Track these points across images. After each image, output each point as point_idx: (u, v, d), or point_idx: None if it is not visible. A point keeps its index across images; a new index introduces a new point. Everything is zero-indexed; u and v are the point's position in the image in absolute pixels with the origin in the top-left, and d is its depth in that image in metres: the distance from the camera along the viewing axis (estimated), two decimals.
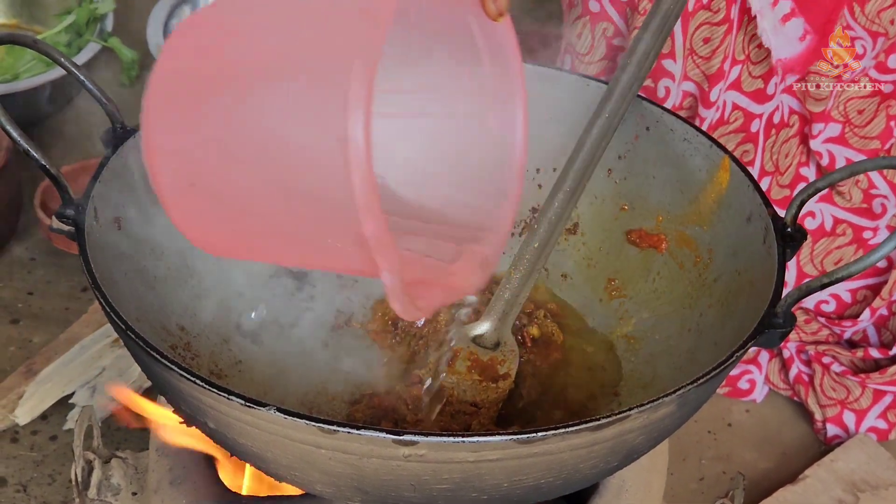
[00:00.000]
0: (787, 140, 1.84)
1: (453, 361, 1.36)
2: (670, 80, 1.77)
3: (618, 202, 1.48)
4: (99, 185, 1.25)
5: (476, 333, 1.38)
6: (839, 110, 1.79)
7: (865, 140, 1.81)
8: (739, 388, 2.05)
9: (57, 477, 1.83)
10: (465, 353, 1.36)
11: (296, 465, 1.07)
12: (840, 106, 1.79)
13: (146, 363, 1.12)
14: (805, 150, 1.85)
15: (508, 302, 1.37)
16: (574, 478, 1.11)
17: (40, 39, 1.25)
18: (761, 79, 1.76)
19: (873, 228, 1.90)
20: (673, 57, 1.75)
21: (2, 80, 2.39)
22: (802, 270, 1.96)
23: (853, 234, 1.91)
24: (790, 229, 1.23)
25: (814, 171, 1.86)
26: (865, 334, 2.03)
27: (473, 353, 1.36)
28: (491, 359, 1.36)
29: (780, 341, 1.15)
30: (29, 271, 2.22)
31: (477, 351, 1.36)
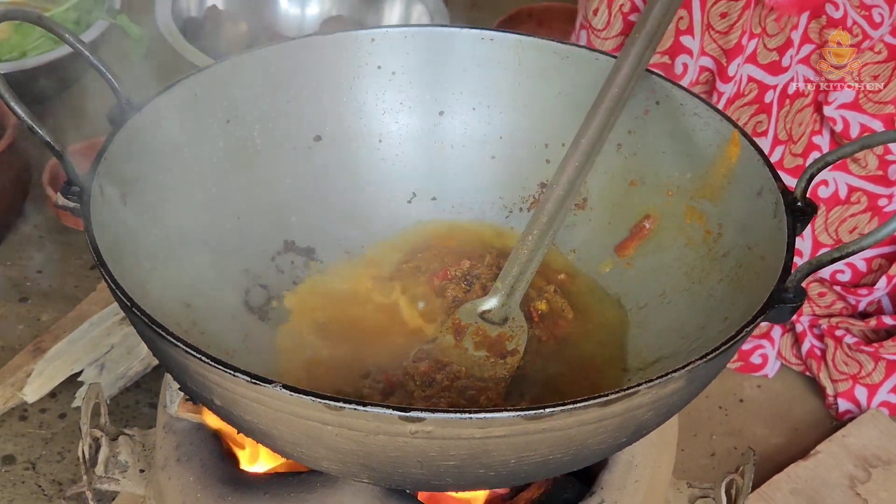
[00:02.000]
0: (802, 109, 1.83)
1: (460, 338, 1.35)
2: (688, 55, 1.77)
3: (627, 177, 1.47)
4: (104, 162, 1.24)
5: (483, 309, 1.37)
6: (853, 76, 1.79)
7: (880, 105, 1.80)
8: (752, 364, 2.04)
9: (66, 454, 1.83)
10: (473, 329, 1.36)
11: (302, 441, 1.07)
12: (854, 72, 1.78)
13: (152, 340, 1.12)
14: (819, 119, 1.84)
15: (516, 276, 1.36)
16: (582, 454, 1.10)
17: (46, 16, 1.24)
18: (776, 51, 1.75)
19: (888, 196, 1.89)
20: (691, 33, 1.75)
21: (9, 57, 2.38)
22: (817, 240, 1.95)
23: (868, 202, 1.90)
24: (800, 203, 1.22)
25: (827, 139, 1.85)
26: (880, 305, 2.02)
27: (481, 328, 1.36)
28: (499, 335, 1.35)
29: (791, 316, 1.14)
30: (37, 249, 2.22)
31: (485, 327, 1.36)
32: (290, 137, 1.48)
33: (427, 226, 1.54)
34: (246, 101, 1.44)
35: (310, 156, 1.50)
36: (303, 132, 1.49)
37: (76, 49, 1.28)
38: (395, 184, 1.54)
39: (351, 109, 1.52)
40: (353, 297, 1.47)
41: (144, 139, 1.33)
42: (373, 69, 1.51)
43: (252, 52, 1.45)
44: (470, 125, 1.52)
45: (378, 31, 1.51)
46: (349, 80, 1.51)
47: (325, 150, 1.51)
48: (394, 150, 1.54)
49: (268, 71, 1.45)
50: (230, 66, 1.43)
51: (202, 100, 1.40)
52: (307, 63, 1.48)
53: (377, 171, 1.54)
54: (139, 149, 1.32)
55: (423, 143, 1.55)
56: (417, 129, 1.53)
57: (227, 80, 1.43)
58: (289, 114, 1.48)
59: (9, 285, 2.14)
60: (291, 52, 1.47)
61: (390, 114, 1.53)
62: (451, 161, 1.53)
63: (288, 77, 1.47)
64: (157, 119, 1.34)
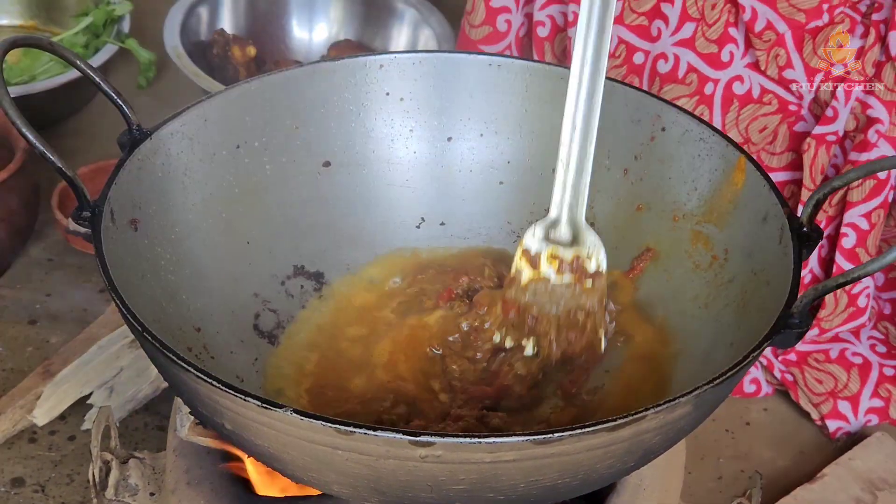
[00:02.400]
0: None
1: (537, 266, 1.31)
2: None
3: (634, 202, 1.48)
4: (115, 187, 1.25)
5: (547, 230, 1.33)
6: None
7: (794, 10, 1.79)
8: (747, 393, 2.05)
9: (75, 477, 1.83)
10: (548, 254, 1.32)
11: (312, 466, 1.08)
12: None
13: (163, 365, 1.13)
14: (734, 9, 1.83)
15: (573, 187, 1.32)
16: (591, 478, 1.11)
17: (56, 42, 1.25)
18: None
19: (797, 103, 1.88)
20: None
21: (19, 81, 2.39)
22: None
23: (778, 105, 1.89)
24: (806, 229, 1.23)
25: (743, 33, 1.85)
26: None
27: (554, 253, 1.33)
28: (576, 255, 1.32)
29: (797, 341, 1.15)
30: (47, 272, 2.23)
31: (557, 250, 1.34)
32: (299, 163, 1.49)
33: (436, 251, 1.54)
34: (255, 127, 1.45)
35: (319, 181, 1.51)
36: (312, 158, 1.50)
37: (87, 74, 1.29)
38: (403, 209, 1.55)
39: (359, 135, 1.52)
40: (362, 320, 1.48)
41: (155, 165, 1.34)
42: (381, 95, 1.52)
43: (261, 78, 1.45)
44: (478, 150, 1.53)
45: (387, 57, 1.52)
46: (358, 105, 1.51)
47: (334, 176, 1.52)
48: (402, 176, 1.55)
49: (277, 97, 1.46)
50: (240, 92, 1.44)
51: (212, 126, 1.40)
52: (316, 89, 1.49)
53: (386, 196, 1.54)
54: (149, 174, 1.32)
55: (432, 169, 1.55)
56: (426, 155, 1.54)
57: (236, 107, 1.43)
58: (298, 139, 1.49)
59: (18, 308, 2.15)
60: (301, 78, 1.48)
61: (399, 139, 1.54)
62: (459, 186, 1.54)
63: (297, 103, 1.48)
64: (167, 145, 1.35)
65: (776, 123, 1.88)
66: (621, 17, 1.87)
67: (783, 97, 1.86)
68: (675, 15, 1.82)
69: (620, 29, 1.88)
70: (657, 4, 1.84)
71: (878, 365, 2.00)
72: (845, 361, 1.99)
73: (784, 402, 2.06)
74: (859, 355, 2.01)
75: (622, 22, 1.88)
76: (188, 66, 2.37)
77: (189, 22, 2.54)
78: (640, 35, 1.87)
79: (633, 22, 1.86)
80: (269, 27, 2.71)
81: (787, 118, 1.88)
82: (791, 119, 1.88)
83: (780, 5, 1.79)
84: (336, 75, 1.50)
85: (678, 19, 1.83)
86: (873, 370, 1.99)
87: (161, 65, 2.63)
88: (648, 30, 1.86)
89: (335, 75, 1.50)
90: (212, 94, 1.42)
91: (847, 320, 1.94)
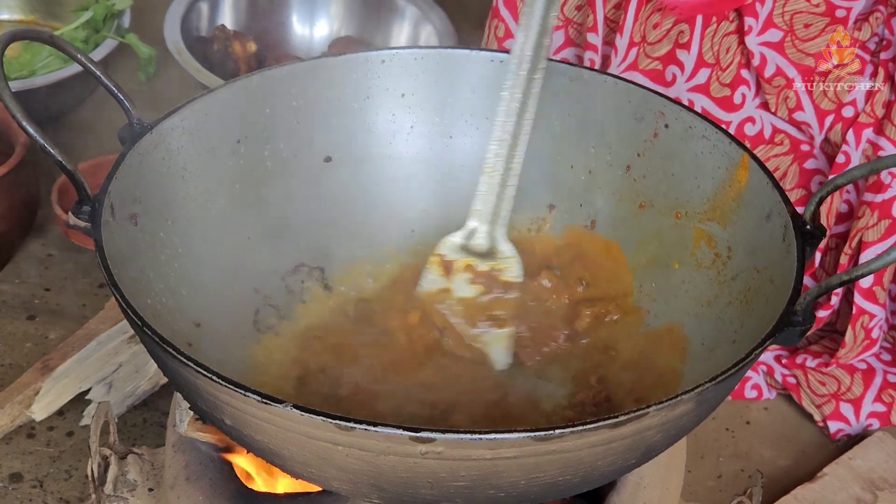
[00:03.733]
0: (728, 34, 1.82)
1: (449, 273, 1.32)
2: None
3: (636, 199, 1.48)
4: (115, 182, 1.25)
5: (464, 240, 1.34)
6: (783, 18, 1.78)
7: (802, 55, 1.79)
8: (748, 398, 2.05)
9: (73, 472, 1.83)
10: (461, 264, 1.32)
11: (312, 461, 1.07)
12: (786, 15, 1.78)
13: (162, 360, 1.12)
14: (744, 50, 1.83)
15: (496, 199, 1.33)
16: (592, 475, 1.11)
17: (57, 35, 1.25)
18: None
19: (809, 142, 1.88)
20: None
21: (19, 76, 2.39)
22: None
23: (790, 145, 1.89)
24: (809, 227, 1.23)
25: (754, 75, 1.85)
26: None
27: (469, 263, 1.33)
28: (490, 267, 1.32)
29: (800, 339, 1.15)
30: (46, 267, 2.22)
31: (472, 261, 1.33)
32: (300, 158, 1.49)
33: None
34: (256, 122, 1.45)
35: (320, 177, 1.51)
36: (313, 153, 1.50)
37: (88, 69, 1.28)
38: (404, 205, 1.54)
39: (361, 131, 1.52)
40: (362, 317, 1.47)
41: (155, 160, 1.33)
42: (382, 90, 1.52)
43: (263, 73, 1.45)
44: (479, 146, 1.53)
45: (388, 53, 1.52)
46: (359, 101, 1.51)
47: (335, 171, 1.51)
48: (403, 172, 1.54)
49: (278, 92, 1.46)
50: (241, 87, 1.43)
51: (213, 121, 1.40)
52: (318, 84, 1.48)
53: (387, 192, 1.54)
54: (150, 169, 1.32)
55: (433, 165, 1.55)
56: (427, 151, 1.54)
57: (237, 102, 1.43)
58: (299, 135, 1.48)
59: (17, 303, 2.14)
60: (302, 73, 1.48)
61: (400, 135, 1.54)
62: (460, 182, 1.53)
63: (298, 98, 1.47)
64: (167, 139, 1.35)
65: (788, 163, 1.89)
66: (636, 63, 1.87)
67: (795, 136, 1.87)
68: (691, 61, 1.82)
69: (635, 75, 1.88)
70: (672, 50, 1.84)
71: (882, 371, 2.00)
72: (849, 366, 1.99)
73: (785, 402, 2.05)
74: (864, 361, 2.01)
75: (637, 68, 1.87)
76: (188, 62, 2.37)
77: (190, 17, 2.54)
78: (654, 80, 1.87)
79: (648, 67, 1.86)
80: (270, 23, 2.71)
81: (798, 157, 1.89)
82: (802, 158, 1.88)
83: (788, 51, 1.79)
84: (337, 71, 1.50)
85: (694, 65, 1.83)
86: (877, 375, 1.99)
87: (161, 60, 2.63)
88: (663, 75, 1.86)
89: (337, 71, 1.50)
90: (213, 88, 1.42)
91: (862, 352, 1.95)
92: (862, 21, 1.79)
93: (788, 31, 1.78)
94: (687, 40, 1.81)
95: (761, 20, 1.77)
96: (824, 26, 1.78)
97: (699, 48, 1.81)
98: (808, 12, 1.77)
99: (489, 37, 2.04)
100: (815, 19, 1.78)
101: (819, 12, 1.77)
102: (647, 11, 1.83)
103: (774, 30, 1.78)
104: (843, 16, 1.78)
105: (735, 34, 1.81)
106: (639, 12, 1.82)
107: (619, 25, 1.85)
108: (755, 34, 1.78)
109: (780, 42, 1.79)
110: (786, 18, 1.78)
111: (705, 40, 1.81)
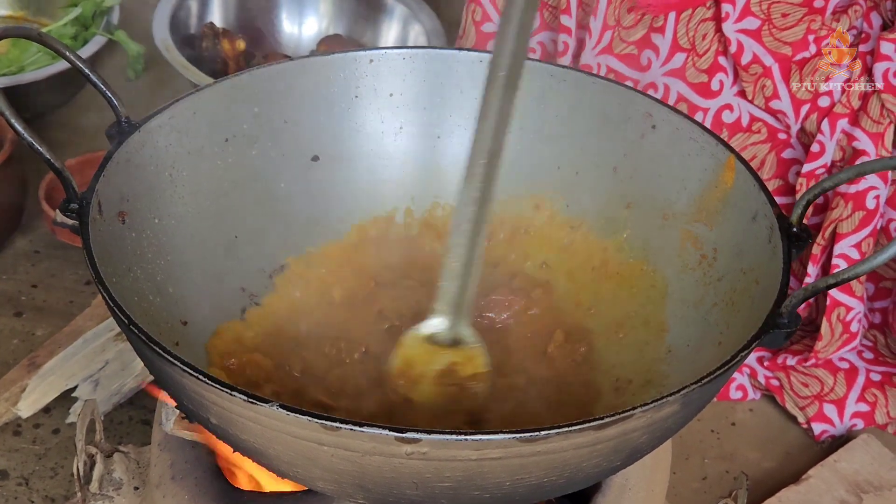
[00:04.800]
0: (704, 20, 1.83)
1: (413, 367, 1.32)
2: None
3: (623, 200, 1.48)
4: (103, 180, 1.25)
5: (429, 333, 1.31)
6: (761, 8, 1.79)
7: (779, 43, 1.80)
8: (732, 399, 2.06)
9: (59, 470, 1.83)
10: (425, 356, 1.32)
11: (298, 461, 1.07)
12: (763, 4, 1.78)
13: (149, 358, 1.12)
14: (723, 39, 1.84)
15: (458, 294, 1.29)
16: (577, 477, 1.11)
17: (45, 33, 1.25)
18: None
19: (786, 130, 1.88)
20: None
21: (7, 72, 2.39)
22: None
23: (768, 133, 1.89)
24: (796, 228, 1.23)
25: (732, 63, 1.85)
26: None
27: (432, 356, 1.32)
28: (453, 361, 1.32)
29: (785, 341, 1.15)
30: (33, 264, 2.22)
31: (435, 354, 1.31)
32: (288, 157, 1.49)
33: (424, 246, 1.54)
34: (244, 120, 1.45)
35: (307, 175, 1.50)
36: (301, 152, 1.50)
37: (76, 66, 1.28)
38: (391, 204, 1.55)
39: (348, 130, 1.52)
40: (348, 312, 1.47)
41: (143, 157, 1.33)
42: (370, 90, 1.52)
43: (251, 72, 1.45)
44: (467, 147, 1.53)
45: (376, 53, 1.52)
46: (347, 100, 1.51)
47: (322, 170, 1.51)
48: (391, 171, 1.54)
49: (266, 91, 1.46)
50: (229, 85, 1.43)
51: (201, 119, 1.40)
52: (306, 83, 1.48)
53: (374, 191, 1.54)
54: (137, 167, 1.32)
55: (421, 164, 1.55)
56: (415, 150, 1.54)
57: (225, 100, 1.43)
58: (287, 134, 1.48)
59: (3, 300, 2.14)
60: (291, 72, 1.48)
61: (388, 135, 1.54)
62: (448, 182, 1.53)
63: (286, 97, 1.47)
64: (155, 138, 1.35)
65: (765, 152, 1.89)
66: (610, 47, 1.88)
67: (772, 125, 1.87)
68: (666, 45, 1.83)
69: (610, 58, 1.88)
70: (647, 35, 1.84)
71: (864, 370, 2.00)
72: (832, 366, 1.99)
73: (770, 404, 2.06)
74: (846, 360, 2.01)
75: (611, 51, 1.88)
76: (177, 59, 2.37)
77: (178, 15, 2.54)
78: (629, 65, 1.87)
79: (623, 51, 1.87)
80: (259, 21, 2.71)
81: (776, 146, 1.89)
82: (780, 147, 1.88)
83: (765, 39, 1.80)
84: (326, 70, 1.50)
85: (668, 50, 1.83)
86: (860, 375, 1.99)
87: (150, 57, 2.63)
88: (638, 59, 1.87)
89: (325, 70, 1.50)
90: (201, 87, 1.42)
91: (841, 346, 1.95)
92: (840, 13, 1.80)
93: (766, 20, 1.79)
94: (661, 24, 1.82)
95: (738, 7, 1.78)
96: (802, 16, 1.79)
97: (674, 32, 1.82)
98: (786, 2, 1.78)
99: (467, 21, 2.05)
100: (792, 9, 1.79)
101: (797, 3, 1.78)
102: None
103: (752, 18, 1.79)
104: (821, 6, 1.78)
105: (712, 21, 1.82)
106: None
107: (593, 9, 1.85)
108: (732, 21, 1.79)
109: (757, 30, 1.79)
110: (763, 8, 1.78)
111: (680, 25, 1.82)
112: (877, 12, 1.78)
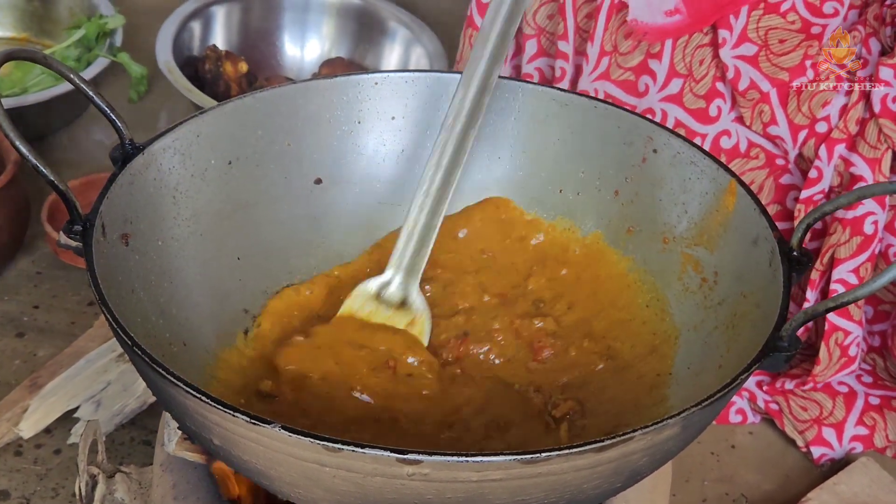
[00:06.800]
0: (701, 46, 1.84)
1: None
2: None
3: (624, 224, 1.48)
4: (107, 202, 1.25)
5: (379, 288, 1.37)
6: (758, 34, 1.79)
7: (776, 69, 1.80)
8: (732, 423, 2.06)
9: (60, 491, 1.83)
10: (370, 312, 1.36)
11: (300, 482, 1.08)
12: (760, 30, 1.79)
13: (152, 379, 1.13)
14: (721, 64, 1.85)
15: (413, 255, 1.37)
16: (577, 498, 1.11)
17: (50, 55, 1.26)
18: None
19: (784, 156, 1.88)
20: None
21: (10, 93, 2.39)
22: None
23: (766, 159, 1.90)
24: (796, 252, 1.24)
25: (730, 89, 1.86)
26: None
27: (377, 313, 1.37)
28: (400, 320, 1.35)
29: (786, 364, 1.15)
30: (35, 285, 2.22)
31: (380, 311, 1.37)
32: (290, 180, 1.50)
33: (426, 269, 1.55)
34: (248, 143, 1.45)
35: (310, 198, 1.51)
36: (304, 175, 1.51)
37: (80, 89, 1.29)
38: (394, 227, 1.55)
39: (351, 153, 1.53)
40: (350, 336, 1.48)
41: (146, 180, 1.34)
42: (373, 113, 1.53)
43: (255, 94, 1.46)
44: (469, 171, 1.53)
45: (380, 76, 1.52)
46: (350, 123, 1.52)
47: (325, 193, 1.52)
48: (394, 194, 1.55)
49: (270, 114, 1.47)
50: (233, 108, 1.44)
51: (205, 141, 1.41)
52: (310, 107, 1.49)
53: (377, 214, 1.54)
54: (141, 189, 1.33)
55: None
56: (417, 174, 1.54)
57: (229, 123, 1.44)
58: (290, 156, 1.49)
59: (5, 320, 2.14)
60: (295, 95, 1.48)
61: (390, 158, 1.54)
62: (451, 205, 1.54)
63: (290, 120, 1.48)
64: (159, 160, 1.35)
65: (763, 178, 1.89)
66: (607, 73, 1.88)
67: (770, 151, 1.87)
68: (663, 71, 1.83)
69: (607, 84, 1.89)
70: (644, 61, 1.85)
71: (863, 394, 2.00)
72: (831, 390, 1.99)
73: (769, 427, 2.06)
74: (845, 384, 2.01)
75: (609, 77, 1.89)
76: (180, 81, 2.37)
77: (181, 37, 2.54)
78: (626, 90, 1.88)
79: (620, 77, 1.87)
80: (262, 43, 2.72)
81: (773, 172, 1.89)
82: (778, 172, 1.89)
83: (763, 65, 1.80)
84: (330, 93, 1.50)
85: (665, 75, 1.84)
86: (859, 398, 1.99)
87: (152, 79, 2.64)
88: (635, 85, 1.87)
89: (329, 93, 1.50)
90: (205, 109, 1.42)
91: (839, 370, 1.94)
92: (839, 38, 1.81)
93: (763, 46, 1.79)
94: (658, 50, 1.82)
95: (736, 33, 1.78)
96: (799, 42, 1.79)
97: (671, 58, 1.82)
98: (783, 28, 1.78)
99: (464, 45, 2.06)
100: (790, 35, 1.79)
101: (794, 29, 1.78)
102: (617, 21, 1.84)
103: (749, 44, 1.79)
104: (819, 32, 1.79)
105: (709, 46, 1.82)
106: (609, 21, 1.84)
107: (590, 35, 1.86)
108: (729, 47, 1.79)
109: (754, 56, 1.80)
110: (760, 34, 1.79)
111: (677, 51, 1.82)
112: (876, 38, 1.79)
